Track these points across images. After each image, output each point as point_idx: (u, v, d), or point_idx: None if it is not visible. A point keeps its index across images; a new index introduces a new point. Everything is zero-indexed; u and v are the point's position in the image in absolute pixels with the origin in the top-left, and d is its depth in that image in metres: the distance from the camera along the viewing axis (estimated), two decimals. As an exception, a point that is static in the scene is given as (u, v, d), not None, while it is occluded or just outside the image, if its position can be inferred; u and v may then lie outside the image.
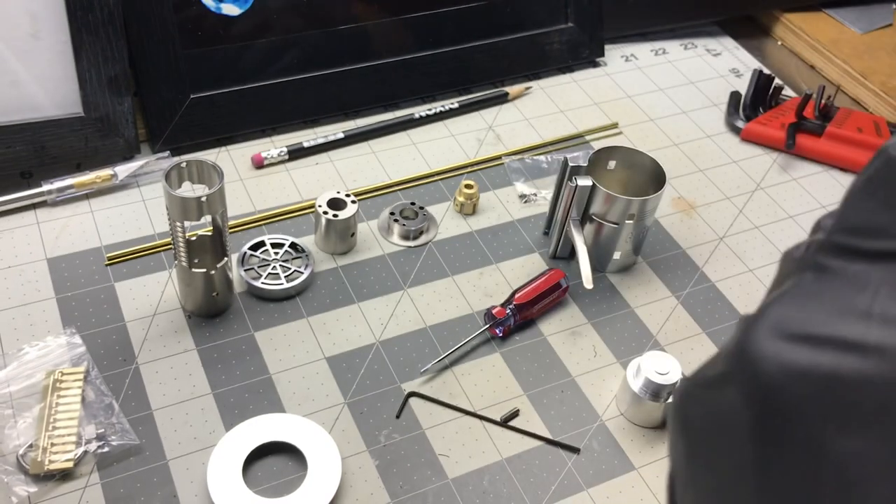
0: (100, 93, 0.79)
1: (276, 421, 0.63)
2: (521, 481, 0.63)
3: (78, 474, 0.60)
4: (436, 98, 0.96)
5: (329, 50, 0.90)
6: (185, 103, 0.83)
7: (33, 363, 0.65)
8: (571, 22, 1.02)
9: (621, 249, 0.77)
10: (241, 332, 0.70)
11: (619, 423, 0.68)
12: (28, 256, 0.73)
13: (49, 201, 0.77)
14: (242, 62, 0.86)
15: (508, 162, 0.89)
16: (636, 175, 0.79)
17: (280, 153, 0.85)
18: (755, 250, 0.84)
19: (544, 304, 0.74)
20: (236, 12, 0.85)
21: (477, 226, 0.82)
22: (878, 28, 1.16)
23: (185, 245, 0.65)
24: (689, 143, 0.96)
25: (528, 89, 1.00)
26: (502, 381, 0.70)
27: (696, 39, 1.13)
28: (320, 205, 0.76)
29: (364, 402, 0.67)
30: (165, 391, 0.65)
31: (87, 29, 0.77)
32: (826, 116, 0.97)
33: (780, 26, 1.16)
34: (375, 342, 0.71)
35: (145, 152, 0.84)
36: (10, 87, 0.76)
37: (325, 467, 0.61)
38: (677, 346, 0.74)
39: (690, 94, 1.03)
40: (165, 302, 0.71)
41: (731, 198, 0.90)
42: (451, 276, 0.77)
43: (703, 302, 0.78)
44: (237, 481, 0.59)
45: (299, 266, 0.75)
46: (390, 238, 0.79)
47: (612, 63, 1.06)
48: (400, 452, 0.64)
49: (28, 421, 0.61)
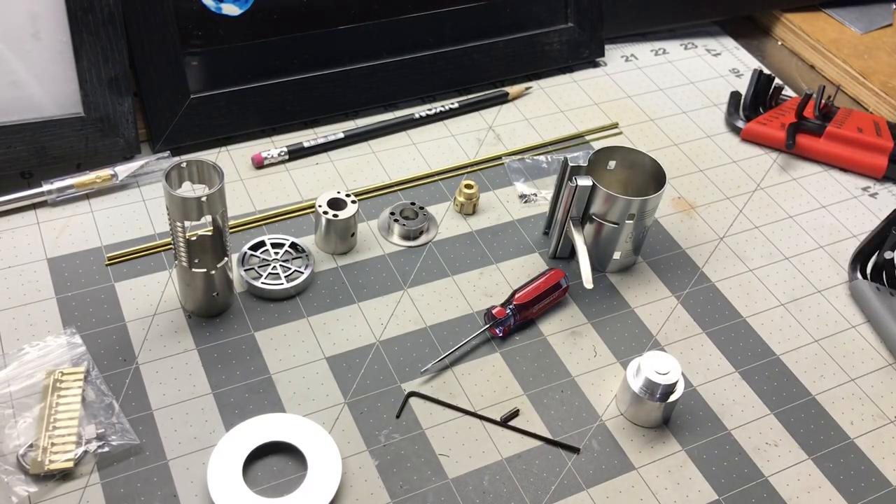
0: (100, 93, 0.79)
1: (276, 421, 0.63)
2: (521, 481, 0.63)
3: (78, 474, 0.60)
4: (436, 98, 0.96)
5: (329, 50, 0.90)
6: (185, 103, 0.84)
7: (33, 363, 0.65)
8: (571, 22, 1.02)
9: (621, 249, 0.77)
10: (242, 332, 0.70)
11: (619, 423, 0.68)
12: (28, 256, 0.73)
13: (49, 201, 0.77)
14: (242, 62, 0.86)
15: (508, 162, 0.89)
16: (636, 175, 0.79)
17: (280, 153, 0.85)
18: (755, 250, 0.84)
19: (544, 304, 0.74)
20: (236, 12, 0.85)
21: (477, 226, 0.82)
22: (878, 28, 1.16)
23: (186, 245, 0.65)
24: (689, 143, 0.96)
25: (528, 89, 1.00)
26: (502, 381, 0.70)
27: (696, 39, 1.14)
28: (320, 205, 0.76)
29: (364, 402, 0.67)
30: (165, 391, 0.65)
31: (88, 29, 0.77)
32: (826, 116, 0.97)
33: (780, 26, 1.17)
34: (375, 342, 0.71)
35: (145, 152, 0.84)
36: (10, 87, 0.76)
37: (325, 467, 0.61)
38: (677, 346, 0.74)
39: (690, 94, 1.03)
40: (165, 302, 0.71)
41: (731, 198, 0.90)
42: (451, 276, 0.77)
43: (703, 302, 0.78)
44: (237, 481, 0.59)
45: (299, 266, 0.75)
46: (390, 238, 0.79)
47: (612, 63, 1.06)
48: (400, 452, 0.64)
49: (28, 421, 0.61)
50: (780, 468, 0.67)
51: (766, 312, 0.78)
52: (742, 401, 0.71)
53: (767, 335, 0.76)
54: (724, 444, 0.68)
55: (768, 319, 0.78)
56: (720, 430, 0.69)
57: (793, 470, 0.67)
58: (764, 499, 0.65)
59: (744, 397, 0.71)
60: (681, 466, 0.66)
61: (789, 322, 0.78)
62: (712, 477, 0.65)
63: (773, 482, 0.66)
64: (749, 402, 0.71)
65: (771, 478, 0.66)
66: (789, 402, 0.72)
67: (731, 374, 0.73)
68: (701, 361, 0.74)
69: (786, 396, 0.72)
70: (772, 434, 0.69)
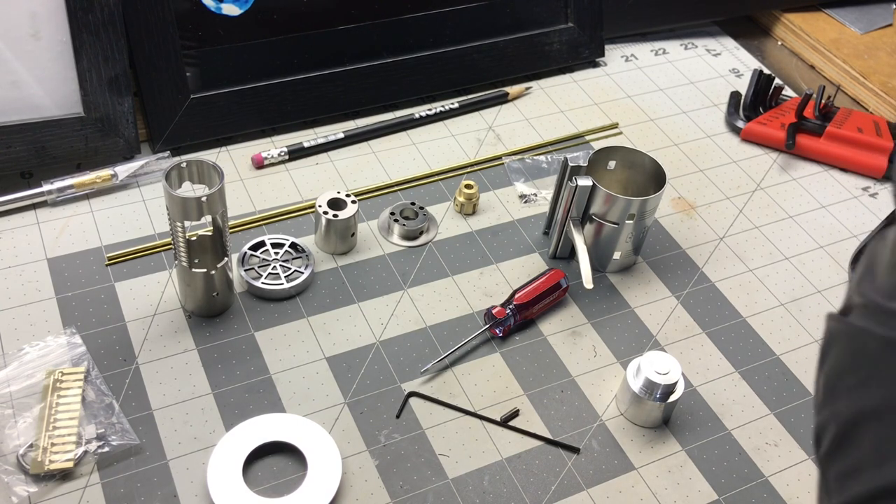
0: (100, 93, 0.79)
1: (276, 421, 0.63)
2: (521, 481, 0.63)
3: (78, 474, 0.60)
4: (436, 98, 0.96)
5: (329, 50, 0.90)
6: (185, 103, 0.83)
7: (33, 363, 0.65)
8: (571, 22, 1.02)
9: (621, 249, 0.77)
10: (242, 332, 0.70)
11: (619, 423, 0.68)
12: (28, 256, 0.73)
13: (49, 201, 0.77)
14: (242, 62, 0.86)
15: (508, 162, 0.89)
16: (636, 175, 0.79)
17: (280, 153, 0.85)
18: (755, 250, 0.84)
19: (544, 304, 0.74)
20: (236, 12, 0.85)
21: (477, 226, 0.82)
22: (878, 28, 1.16)
23: (186, 245, 0.65)
24: (689, 143, 0.96)
25: (528, 89, 1.00)
26: (502, 381, 0.70)
27: (696, 39, 1.13)
28: (320, 205, 0.76)
29: (364, 402, 0.67)
30: (165, 391, 0.65)
31: (88, 29, 0.77)
32: (826, 116, 0.97)
33: (780, 26, 1.17)
34: (375, 342, 0.71)
35: (145, 152, 0.84)
36: (10, 87, 0.76)
37: (325, 467, 0.61)
38: (677, 346, 0.74)
39: (690, 94, 1.03)
40: (165, 302, 0.71)
41: (731, 198, 0.90)
42: (451, 276, 0.77)
43: (703, 302, 0.78)
44: (237, 481, 0.59)
45: (299, 266, 0.75)
46: (390, 238, 0.79)
47: (612, 63, 1.06)
48: (400, 452, 0.64)
49: (28, 421, 0.61)
50: (780, 468, 0.67)
51: (766, 312, 0.78)
52: (742, 401, 0.71)
53: (767, 335, 0.76)
54: (724, 444, 0.68)
55: (768, 319, 0.78)
56: (720, 430, 0.69)
57: (793, 470, 0.67)
58: (764, 499, 0.65)
59: (744, 397, 0.71)
60: (681, 466, 0.66)
61: (789, 322, 0.78)
62: (712, 477, 0.65)
63: (773, 482, 0.66)
64: (749, 402, 0.71)
65: (771, 478, 0.66)
66: (789, 402, 0.72)
67: (731, 374, 0.73)
68: (701, 361, 0.74)
69: (786, 396, 0.72)
70: (772, 434, 0.69)
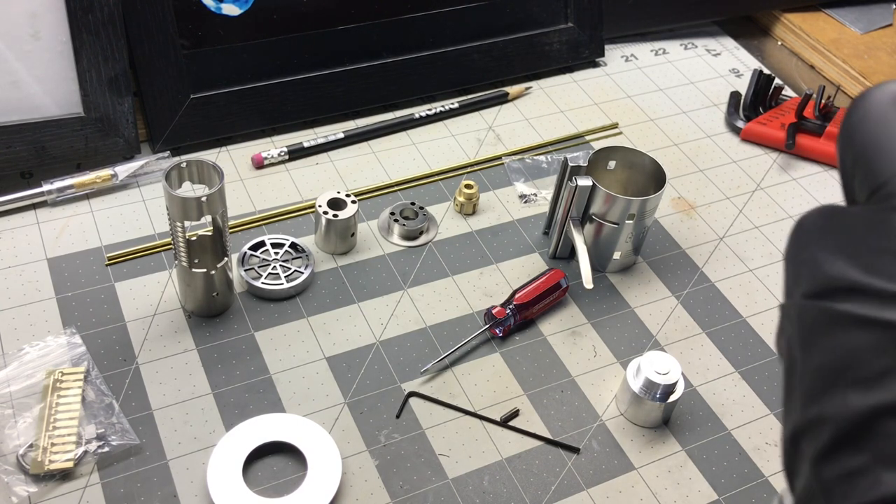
0: (100, 93, 0.79)
1: (276, 421, 0.63)
2: (521, 481, 0.63)
3: (78, 474, 0.60)
4: (436, 98, 0.96)
5: (329, 50, 0.90)
6: (185, 103, 0.83)
7: (33, 363, 0.65)
8: (571, 22, 1.02)
9: (621, 249, 0.77)
10: (242, 332, 0.70)
11: (619, 423, 0.68)
12: (28, 256, 0.73)
13: (49, 201, 0.77)
14: (242, 62, 0.86)
15: (508, 162, 0.89)
16: (636, 175, 0.79)
17: (280, 153, 0.85)
18: (755, 250, 0.84)
19: (544, 304, 0.74)
20: (236, 12, 0.85)
21: (477, 226, 0.82)
22: (878, 28, 1.16)
23: (186, 245, 0.65)
24: (689, 143, 0.96)
25: (528, 89, 1.00)
26: (502, 381, 0.70)
27: (696, 39, 1.13)
28: (320, 205, 0.76)
29: (364, 402, 0.67)
30: (165, 391, 0.65)
31: (87, 29, 0.77)
32: (826, 116, 0.97)
33: (780, 26, 1.16)
34: (375, 342, 0.71)
35: (145, 152, 0.84)
36: (10, 87, 0.76)
37: (325, 467, 0.61)
38: (677, 346, 0.74)
39: (690, 94, 1.03)
40: (165, 302, 0.71)
41: (731, 198, 0.90)
42: (451, 276, 0.77)
43: (703, 302, 0.78)
44: (237, 481, 0.59)
45: (299, 266, 0.75)
46: (390, 238, 0.79)
47: (612, 63, 1.06)
48: (400, 452, 0.64)
49: (28, 421, 0.61)
50: (780, 468, 0.67)
51: (766, 312, 0.78)
52: (742, 401, 0.71)
53: (767, 335, 0.76)
54: (724, 444, 0.68)
55: (768, 319, 0.78)
56: (720, 430, 0.69)
57: (793, 470, 0.67)
58: (764, 499, 0.65)
59: (744, 397, 0.71)
60: (681, 466, 0.66)
61: (789, 322, 0.78)
62: (712, 477, 0.65)
63: (774, 482, 0.66)
64: (749, 402, 0.71)
65: (771, 478, 0.66)
66: (789, 402, 0.71)
67: (731, 374, 0.73)
68: (701, 361, 0.74)
69: (786, 396, 0.72)
70: (772, 434, 0.69)
